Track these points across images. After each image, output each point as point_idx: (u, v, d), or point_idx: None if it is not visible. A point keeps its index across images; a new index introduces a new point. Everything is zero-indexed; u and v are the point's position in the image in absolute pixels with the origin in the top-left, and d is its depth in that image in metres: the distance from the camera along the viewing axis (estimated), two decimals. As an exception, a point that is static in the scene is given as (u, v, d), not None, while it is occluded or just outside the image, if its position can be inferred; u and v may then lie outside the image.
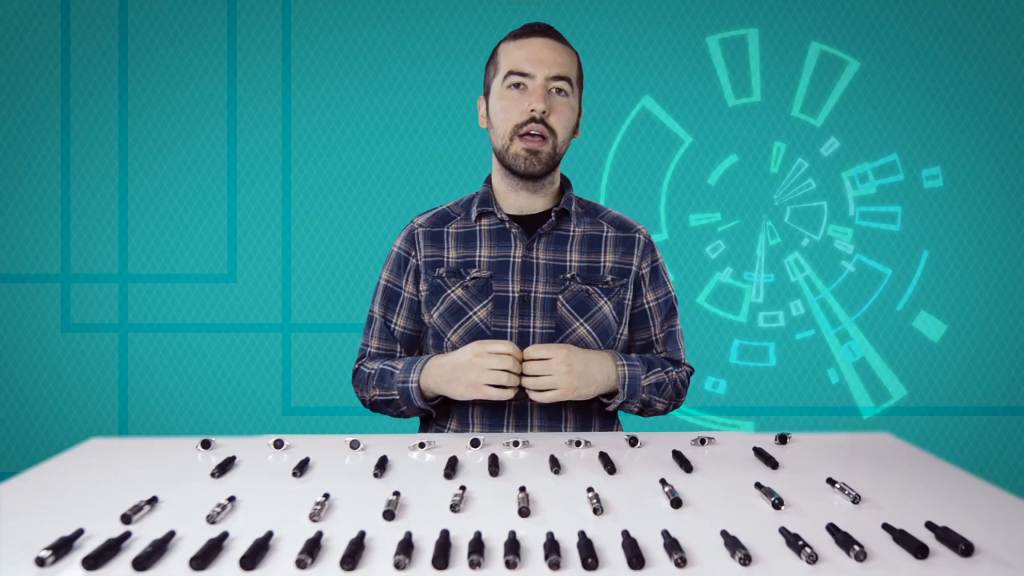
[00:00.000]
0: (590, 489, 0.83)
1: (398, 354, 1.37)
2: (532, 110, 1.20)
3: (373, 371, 1.31)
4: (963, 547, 0.68)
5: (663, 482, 0.86)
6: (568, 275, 1.28)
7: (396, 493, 0.81)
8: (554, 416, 1.26)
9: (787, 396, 2.64)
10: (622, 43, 2.63)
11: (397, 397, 1.25)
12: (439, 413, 1.31)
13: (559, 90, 1.23)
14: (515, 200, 1.31)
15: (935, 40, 2.60)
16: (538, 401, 1.18)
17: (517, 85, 1.22)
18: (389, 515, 0.77)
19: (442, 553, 0.66)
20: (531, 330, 1.26)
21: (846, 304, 2.63)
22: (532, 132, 1.21)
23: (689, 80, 2.63)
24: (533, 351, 1.16)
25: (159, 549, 0.67)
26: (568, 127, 1.25)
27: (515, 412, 1.26)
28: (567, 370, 1.15)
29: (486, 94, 1.31)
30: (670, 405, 1.31)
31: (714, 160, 2.65)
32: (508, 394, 1.15)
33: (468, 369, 1.14)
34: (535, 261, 1.28)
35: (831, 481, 0.88)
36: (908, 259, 2.62)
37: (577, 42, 2.61)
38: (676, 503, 0.81)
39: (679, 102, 2.64)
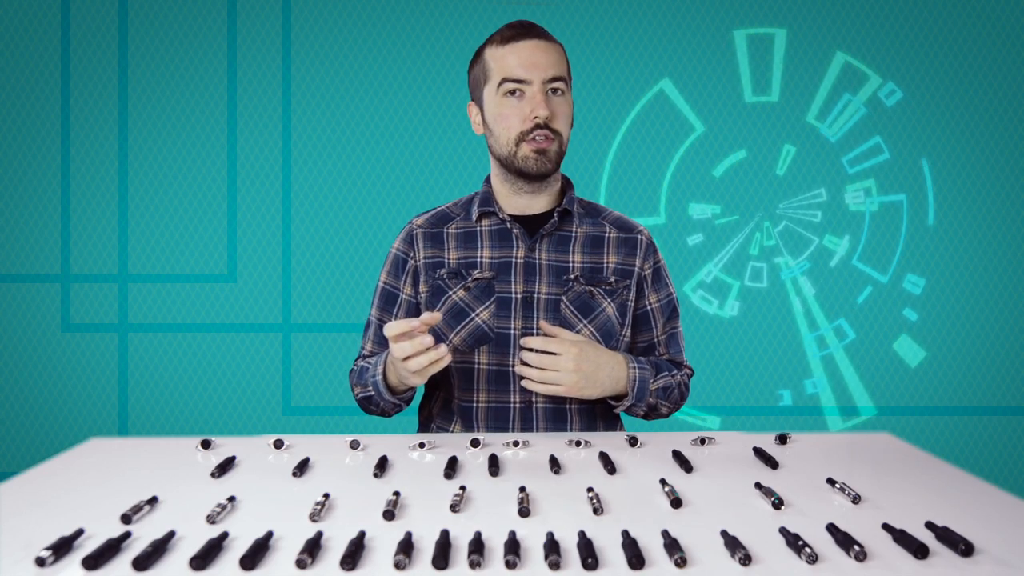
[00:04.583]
0: (590, 489, 0.83)
1: None
2: (536, 117, 1.19)
3: (357, 368, 1.33)
4: (963, 547, 0.68)
5: (663, 482, 0.86)
6: (571, 276, 1.28)
7: (396, 493, 0.81)
8: (559, 419, 1.26)
9: (761, 398, 2.64)
10: (650, 23, 2.63)
11: (372, 393, 1.25)
12: (443, 417, 1.31)
13: (555, 90, 1.22)
14: (516, 201, 1.30)
15: (967, 62, 2.62)
16: (535, 391, 1.17)
17: (513, 92, 1.21)
18: (389, 515, 0.77)
19: (442, 553, 0.66)
20: (534, 331, 1.25)
21: (840, 298, 2.64)
22: (537, 138, 1.20)
23: (710, 70, 2.64)
24: (546, 344, 1.15)
25: (159, 549, 0.67)
26: (569, 123, 1.25)
27: (520, 415, 1.25)
28: (574, 368, 1.14)
29: (476, 100, 1.29)
30: (674, 408, 1.31)
31: (722, 153, 2.65)
32: (445, 360, 1.07)
33: (397, 365, 1.09)
34: (538, 262, 1.28)
35: (831, 481, 0.88)
36: (914, 177, 2.62)
37: (605, 17, 2.67)
38: (676, 503, 0.81)
39: (697, 90, 2.64)
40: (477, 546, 0.67)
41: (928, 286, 2.62)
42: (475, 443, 1.06)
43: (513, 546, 0.67)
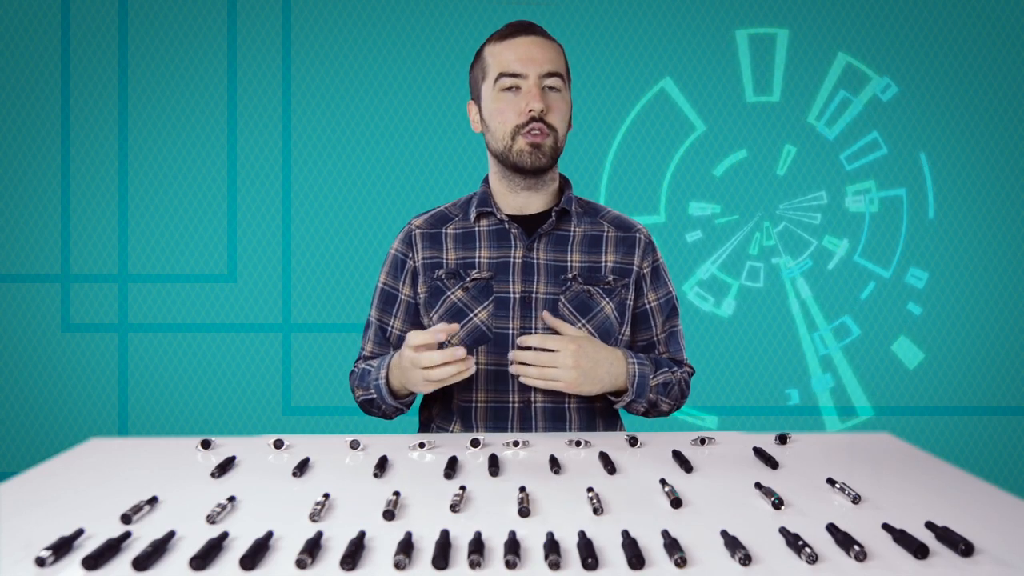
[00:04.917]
0: (590, 489, 0.83)
1: None
2: (530, 110, 1.20)
3: (358, 371, 1.33)
4: (963, 547, 0.68)
5: (663, 482, 0.86)
6: (569, 275, 1.28)
7: (396, 493, 0.81)
8: (558, 418, 1.26)
9: (756, 397, 2.64)
10: (651, 22, 2.63)
11: (374, 396, 1.25)
12: (442, 417, 1.31)
13: (551, 87, 1.22)
14: (514, 200, 1.30)
15: (965, 61, 2.62)
16: (535, 386, 1.17)
17: (510, 87, 1.22)
18: (389, 515, 0.77)
19: (442, 553, 0.66)
20: (532, 331, 1.25)
21: (843, 295, 2.64)
22: (533, 131, 1.21)
23: (712, 69, 2.64)
24: (544, 341, 1.15)
25: (159, 549, 0.67)
26: (565, 121, 1.25)
27: (519, 414, 1.25)
28: (573, 364, 1.14)
29: (475, 98, 1.30)
30: (675, 406, 1.31)
31: (723, 152, 2.65)
32: (469, 372, 1.07)
33: (411, 373, 1.09)
34: (536, 261, 1.28)
35: (831, 481, 0.88)
36: (913, 172, 2.62)
37: (605, 17, 2.67)
38: (676, 503, 0.81)
39: (698, 89, 2.64)
40: (477, 546, 0.67)
41: (931, 280, 2.62)
42: (475, 443, 1.06)
43: (513, 546, 0.67)
